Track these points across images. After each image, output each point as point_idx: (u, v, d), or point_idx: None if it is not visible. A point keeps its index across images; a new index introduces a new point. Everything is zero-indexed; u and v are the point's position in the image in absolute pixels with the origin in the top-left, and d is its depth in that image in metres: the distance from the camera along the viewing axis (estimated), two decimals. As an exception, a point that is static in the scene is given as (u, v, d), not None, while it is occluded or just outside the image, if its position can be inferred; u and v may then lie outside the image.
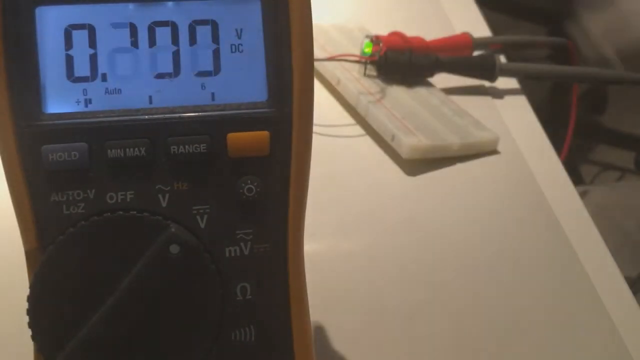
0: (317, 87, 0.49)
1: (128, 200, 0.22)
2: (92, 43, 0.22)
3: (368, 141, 0.45)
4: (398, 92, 0.47)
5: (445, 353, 0.33)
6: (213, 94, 0.23)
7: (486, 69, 0.49)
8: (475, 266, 0.37)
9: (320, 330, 0.33)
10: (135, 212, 0.22)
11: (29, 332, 0.22)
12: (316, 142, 0.24)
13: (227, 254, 0.23)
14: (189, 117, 0.23)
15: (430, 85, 0.49)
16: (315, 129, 0.24)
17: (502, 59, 0.53)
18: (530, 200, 0.42)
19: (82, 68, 0.22)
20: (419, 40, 0.51)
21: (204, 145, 0.22)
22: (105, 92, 0.23)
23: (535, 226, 0.40)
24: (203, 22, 0.23)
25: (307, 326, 0.24)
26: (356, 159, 0.44)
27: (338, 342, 0.33)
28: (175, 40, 0.23)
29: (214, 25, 0.23)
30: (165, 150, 0.22)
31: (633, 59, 0.70)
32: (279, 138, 0.23)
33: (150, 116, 0.23)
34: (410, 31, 0.51)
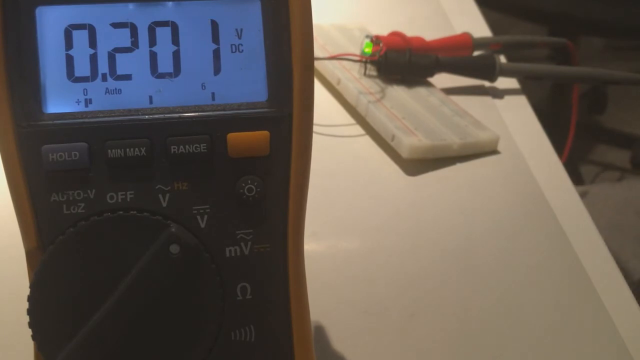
0: (317, 87, 0.49)
1: (128, 200, 0.22)
2: (92, 43, 0.22)
3: (368, 141, 0.45)
4: (398, 92, 0.47)
5: (445, 353, 0.33)
6: (213, 94, 0.23)
7: (486, 69, 0.49)
8: (475, 266, 0.37)
9: (320, 330, 0.33)
10: (135, 212, 0.22)
11: (29, 332, 0.22)
12: (316, 142, 0.24)
13: (227, 254, 0.23)
14: (189, 117, 0.23)
15: (430, 85, 0.49)
16: (315, 129, 0.24)
17: (502, 59, 0.53)
18: (530, 200, 0.42)
19: (82, 68, 0.22)
20: (419, 40, 0.51)
21: (204, 145, 0.22)
22: (106, 92, 0.23)
23: (535, 226, 0.40)
24: (203, 22, 0.23)
25: (307, 326, 0.24)
26: (356, 159, 0.44)
27: (338, 342, 0.33)
28: (175, 40, 0.23)
29: (214, 25, 0.23)
30: (165, 150, 0.22)
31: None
32: (279, 138, 0.23)
33: (150, 116, 0.23)
34: (410, 31, 0.51)
